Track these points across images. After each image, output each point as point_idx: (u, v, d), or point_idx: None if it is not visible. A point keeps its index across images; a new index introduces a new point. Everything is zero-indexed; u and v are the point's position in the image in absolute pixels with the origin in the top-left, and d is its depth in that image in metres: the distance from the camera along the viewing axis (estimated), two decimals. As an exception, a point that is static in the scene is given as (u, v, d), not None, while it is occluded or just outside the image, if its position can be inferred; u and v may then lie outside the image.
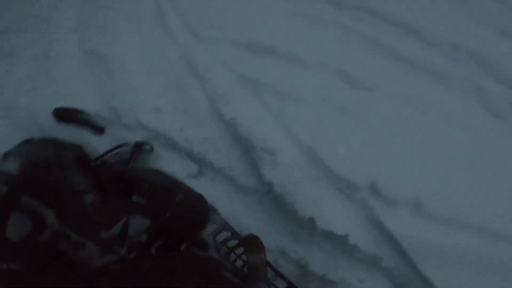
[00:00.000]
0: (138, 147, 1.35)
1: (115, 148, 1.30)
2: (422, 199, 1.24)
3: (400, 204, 1.24)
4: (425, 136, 1.48)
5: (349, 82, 1.70)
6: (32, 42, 2.10)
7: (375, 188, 1.27)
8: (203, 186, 1.33)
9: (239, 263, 1.29)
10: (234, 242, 1.32)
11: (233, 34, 1.99)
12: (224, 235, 1.33)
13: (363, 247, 1.20)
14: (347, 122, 1.50)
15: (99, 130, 1.52)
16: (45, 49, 2.02)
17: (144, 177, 0.97)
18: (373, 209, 1.24)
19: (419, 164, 1.37)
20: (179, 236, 0.97)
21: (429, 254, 1.13)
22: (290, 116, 1.53)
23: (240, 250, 1.34)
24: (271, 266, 1.26)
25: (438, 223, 1.21)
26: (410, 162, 1.37)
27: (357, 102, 1.58)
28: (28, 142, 1.10)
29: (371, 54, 1.88)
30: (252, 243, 1.26)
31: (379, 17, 2.10)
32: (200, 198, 1.10)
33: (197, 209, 1.08)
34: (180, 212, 0.99)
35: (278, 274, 1.25)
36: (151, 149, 1.39)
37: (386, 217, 1.22)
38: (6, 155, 0.88)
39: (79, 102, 1.63)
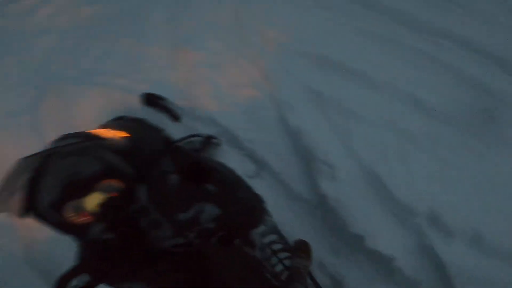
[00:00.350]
0: (208, 140, 1.50)
1: (190, 136, 1.45)
2: (482, 233, 1.20)
3: (457, 235, 1.22)
4: (497, 175, 1.39)
5: (421, 109, 1.65)
6: (128, 31, 2.41)
7: (433, 216, 1.26)
8: (257, 187, 1.42)
9: (279, 267, 1.35)
10: (279, 246, 1.39)
11: (304, 46, 2.05)
12: (271, 237, 1.40)
13: (407, 271, 1.20)
14: (414, 150, 1.47)
15: (176, 118, 1.71)
16: (139, 38, 2.30)
17: (217, 168, 1.08)
18: (427, 236, 1.23)
19: (484, 201, 1.31)
20: (237, 230, 1.06)
21: (477, 287, 1.09)
22: (354, 134, 1.55)
23: (282, 254, 1.40)
24: (310, 275, 1.31)
25: (496, 258, 1.16)
26: (475, 197, 1.32)
27: (428, 132, 1.54)
28: (120, 118, 1.29)
29: (448, 82, 1.80)
30: (303, 248, 1.32)
31: (462, 44, 1.98)
32: (259, 198, 1.18)
33: (256, 208, 1.16)
34: (243, 208, 1.08)
35: (315, 283, 1.29)
36: (219, 144, 1.53)
37: (440, 245, 1.20)
38: (104, 126, 1.06)
39: (162, 90, 1.85)
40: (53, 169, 0.84)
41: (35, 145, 1.81)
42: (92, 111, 1.84)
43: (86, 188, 0.80)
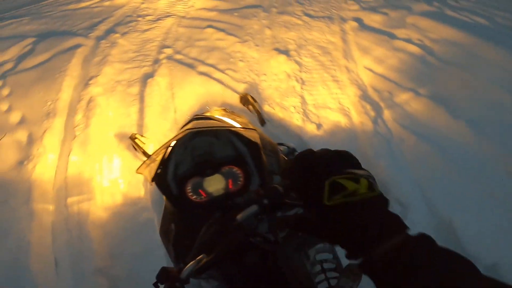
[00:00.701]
0: (292, 152, 1.58)
1: (277, 144, 1.55)
2: None
3: None
4: None
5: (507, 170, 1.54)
6: (234, 28, 2.64)
7: (493, 267, 1.25)
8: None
9: (323, 285, 1.38)
10: (331, 265, 1.42)
11: (404, 85, 2.03)
12: (326, 256, 1.44)
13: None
14: (492, 204, 1.41)
15: (262, 122, 1.83)
16: (243, 38, 2.51)
17: None
18: None
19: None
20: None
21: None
22: (434, 179, 1.52)
23: (330, 274, 1.42)
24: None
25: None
26: None
27: (508, 191, 1.45)
28: (224, 110, 1.44)
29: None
30: (353, 271, 1.34)
31: None
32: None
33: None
34: None
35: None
36: (300, 158, 1.61)
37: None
38: (219, 114, 1.19)
39: (252, 93, 2.00)
40: (189, 144, 0.96)
41: (134, 113, 2.11)
42: (192, 96, 2.06)
43: (213, 168, 0.89)
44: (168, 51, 2.44)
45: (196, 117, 1.08)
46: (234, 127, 0.93)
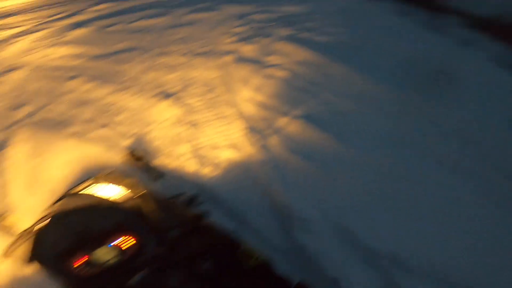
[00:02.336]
0: (193, 199, 1.54)
1: (176, 196, 1.49)
2: (448, 272, 1.36)
3: (420, 274, 1.37)
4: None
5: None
6: (110, 77, 2.43)
7: (397, 258, 1.42)
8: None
9: None
10: None
11: (286, 108, 2.29)
12: None
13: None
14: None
15: (155, 178, 1.74)
16: (119, 83, 2.34)
17: None
18: (393, 276, 1.39)
19: (449, 244, 1.45)
20: None
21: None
22: (322, 192, 1.71)
23: None
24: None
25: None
26: (442, 243, 1.47)
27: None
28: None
29: None
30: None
31: None
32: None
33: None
34: None
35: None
36: (201, 202, 1.57)
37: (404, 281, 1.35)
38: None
39: (142, 146, 1.88)
40: (65, 219, 0.93)
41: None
42: (66, 164, 1.78)
43: (97, 243, 0.88)
44: (24, 111, 2.06)
45: (68, 194, 1.02)
46: (106, 201, 0.91)
